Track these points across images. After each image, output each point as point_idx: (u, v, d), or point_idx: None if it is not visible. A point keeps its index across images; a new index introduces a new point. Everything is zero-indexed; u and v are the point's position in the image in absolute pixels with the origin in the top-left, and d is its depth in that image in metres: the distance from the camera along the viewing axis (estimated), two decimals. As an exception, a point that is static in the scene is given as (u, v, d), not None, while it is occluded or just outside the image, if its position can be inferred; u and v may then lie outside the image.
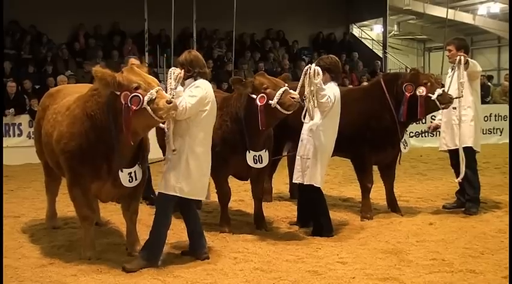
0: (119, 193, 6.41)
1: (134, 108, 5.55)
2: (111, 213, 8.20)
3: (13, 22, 19.32)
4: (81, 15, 19.65)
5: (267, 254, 6.53)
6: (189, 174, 6.07)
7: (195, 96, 6.06)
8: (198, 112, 6.10)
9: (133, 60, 8.21)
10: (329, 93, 6.93)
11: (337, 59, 7.45)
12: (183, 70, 6.18)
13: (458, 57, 8.14)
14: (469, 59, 8.23)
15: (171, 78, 6.04)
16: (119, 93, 5.70)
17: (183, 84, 6.17)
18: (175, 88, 5.97)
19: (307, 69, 6.93)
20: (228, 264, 6.22)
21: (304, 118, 7.13)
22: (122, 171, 6.03)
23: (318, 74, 6.84)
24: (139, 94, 5.57)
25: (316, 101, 6.84)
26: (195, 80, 6.26)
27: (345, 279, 5.71)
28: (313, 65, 7.04)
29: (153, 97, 5.54)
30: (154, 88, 5.65)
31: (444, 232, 7.50)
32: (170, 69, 6.20)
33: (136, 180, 6.16)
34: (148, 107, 5.53)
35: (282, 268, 6.07)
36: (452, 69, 8.39)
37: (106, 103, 5.85)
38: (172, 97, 5.72)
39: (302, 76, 7.02)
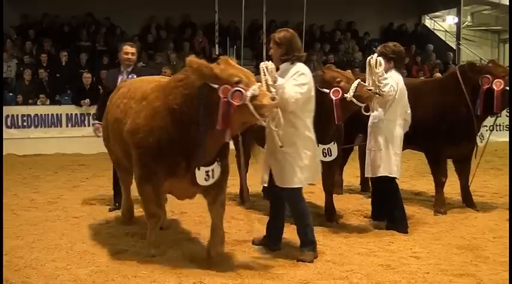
0: (197, 191, 6.06)
1: (236, 103, 5.11)
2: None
3: (88, 14, 19.81)
4: (153, 8, 19.96)
5: (339, 246, 6.50)
6: (305, 163, 5.98)
7: (304, 84, 5.87)
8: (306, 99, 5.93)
9: (128, 47, 8.24)
10: (391, 82, 6.86)
11: (401, 47, 7.33)
12: (279, 50, 6.01)
13: None
14: None
15: (265, 74, 5.59)
16: (216, 86, 5.25)
17: (277, 70, 5.87)
18: (275, 82, 5.63)
19: (369, 59, 6.89)
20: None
21: (365, 111, 7.05)
22: (199, 169, 5.66)
23: (380, 64, 6.80)
24: (241, 89, 5.13)
25: (379, 91, 6.78)
26: (292, 64, 6.01)
27: (418, 274, 5.64)
28: (375, 55, 6.98)
29: (256, 94, 5.12)
30: (255, 84, 5.25)
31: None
32: (261, 64, 5.71)
33: (213, 178, 5.78)
34: (251, 104, 5.12)
35: (355, 261, 6.04)
36: None
37: (195, 96, 5.40)
38: (275, 93, 5.43)
39: (367, 67, 6.97)
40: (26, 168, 12.59)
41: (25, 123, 15.20)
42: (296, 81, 5.87)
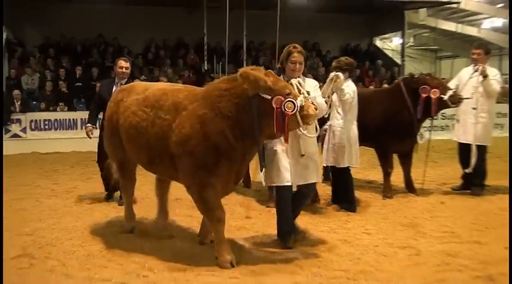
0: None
1: (290, 113, 4.79)
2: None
3: (99, 36, 19.73)
4: (153, 31, 19.80)
5: (306, 226, 6.49)
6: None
7: (320, 95, 5.84)
8: None
9: (123, 62, 7.81)
10: (349, 90, 6.92)
11: (351, 59, 7.38)
12: (302, 66, 5.75)
13: (482, 68, 7.97)
14: (492, 80, 8.05)
15: (300, 88, 5.36)
16: (269, 97, 4.86)
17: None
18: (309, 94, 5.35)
19: (332, 75, 6.94)
20: (271, 231, 6.21)
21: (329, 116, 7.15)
22: (261, 171, 5.39)
23: (339, 78, 6.85)
24: (293, 100, 4.83)
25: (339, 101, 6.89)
26: (305, 77, 5.87)
27: (370, 247, 5.71)
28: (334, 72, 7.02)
29: (303, 104, 4.86)
30: (299, 95, 4.96)
31: (453, 210, 7.41)
32: (293, 80, 5.45)
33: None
34: (298, 113, 4.86)
35: (319, 236, 6.08)
36: (475, 71, 8.17)
37: (247, 105, 4.93)
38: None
39: (327, 82, 6.98)
40: (47, 164, 12.49)
41: (46, 126, 15.10)
42: (318, 92, 5.83)
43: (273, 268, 5.00)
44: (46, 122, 15.12)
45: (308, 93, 5.37)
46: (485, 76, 7.94)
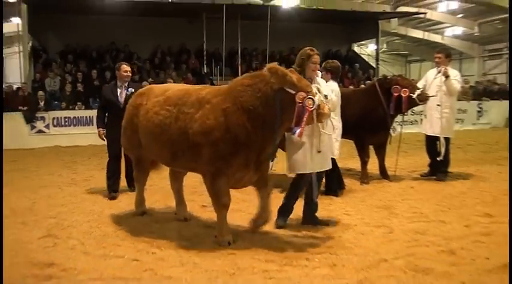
0: (253, 180, 5.24)
1: (310, 109, 4.66)
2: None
3: (112, 43, 19.64)
4: (159, 38, 19.74)
5: (294, 210, 6.47)
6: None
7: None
8: None
9: (125, 66, 7.50)
10: (331, 93, 6.25)
11: (337, 63, 7.26)
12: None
13: (444, 69, 7.99)
14: (453, 80, 8.06)
15: (318, 91, 5.13)
16: (293, 92, 4.71)
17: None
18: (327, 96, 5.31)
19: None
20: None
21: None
22: (272, 161, 5.21)
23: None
24: (313, 98, 4.70)
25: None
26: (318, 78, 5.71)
27: (350, 226, 5.73)
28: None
29: (319, 103, 4.77)
30: (316, 95, 4.80)
31: (422, 193, 7.44)
32: (313, 85, 5.12)
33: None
34: (315, 111, 4.74)
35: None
36: (438, 72, 8.18)
37: (270, 98, 4.74)
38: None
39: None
40: (68, 156, 12.44)
41: (67, 123, 15.01)
42: (333, 93, 5.82)
43: (265, 245, 5.00)
44: (66, 119, 15.04)
45: (326, 96, 5.34)
46: (447, 76, 7.97)
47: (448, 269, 4.31)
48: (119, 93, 7.42)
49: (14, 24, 19.76)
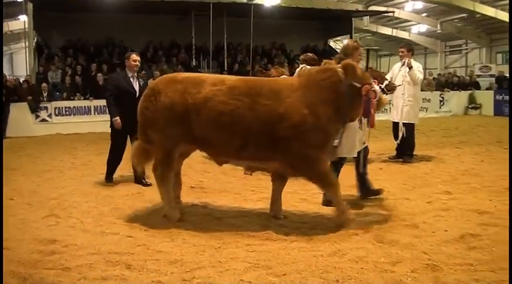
0: None
1: (374, 100, 4.64)
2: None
3: (109, 39, 19.42)
4: (151, 34, 19.53)
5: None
6: None
7: None
8: None
9: (135, 56, 6.98)
10: None
11: (314, 55, 7.29)
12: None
13: (407, 60, 8.09)
14: (416, 71, 8.16)
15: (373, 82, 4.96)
16: (359, 85, 4.64)
17: None
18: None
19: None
20: (248, 194, 6.29)
21: None
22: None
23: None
24: (375, 90, 4.67)
25: None
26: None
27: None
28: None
29: (379, 94, 4.74)
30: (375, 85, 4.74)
31: (389, 174, 7.50)
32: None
33: None
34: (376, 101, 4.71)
35: (284, 197, 5.96)
36: (402, 65, 8.27)
37: (344, 92, 4.63)
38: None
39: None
40: (68, 142, 12.31)
41: (67, 112, 14.87)
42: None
43: (249, 223, 4.99)
44: (67, 109, 14.91)
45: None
46: (410, 67, 8.07)
47: (411, 241, 4.34)
48: (133, 83, 6.90)
49: (21, 21, 19.66)
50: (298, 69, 6.90)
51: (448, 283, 3.49)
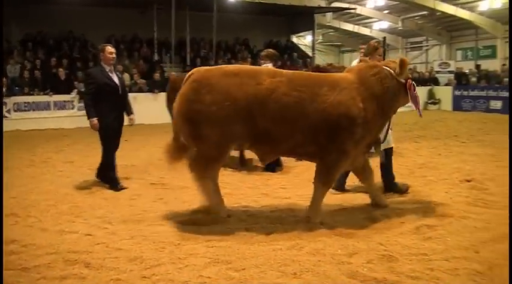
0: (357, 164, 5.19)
1: (416, 94, 4.87)
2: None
3: (69, 32, 19.04)
4: (113, 28, 19.25)
5: (235, 183, 6.57)
6: None
7: None
8: None
9: (110, 48, 6.42)
10: None
11: (273, 51, 7.57)
12: None
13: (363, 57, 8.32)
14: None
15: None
16: (403, 81, 4.84)
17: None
18: None
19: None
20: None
21: None
22: (382, 143, 5.30)
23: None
24: (415, 84, 4.88)
25: None
26: None
27: (283, 198, 5.83)
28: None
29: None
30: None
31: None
32: None
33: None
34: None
35: (245, 192, 6.13)
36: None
37: (391, 87, 4.77)
38: None
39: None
40: (27, 139, 11.97)
41: (26, 108, 14.46)
42: None
43: (209, 220, 4.97)
44: (26, 104, 14.49)
45: None
46: None
47: (367, 233, 4.46)
48: (112, 77, 6.31)
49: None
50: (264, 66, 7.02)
51: (403, 272, 3.61)
